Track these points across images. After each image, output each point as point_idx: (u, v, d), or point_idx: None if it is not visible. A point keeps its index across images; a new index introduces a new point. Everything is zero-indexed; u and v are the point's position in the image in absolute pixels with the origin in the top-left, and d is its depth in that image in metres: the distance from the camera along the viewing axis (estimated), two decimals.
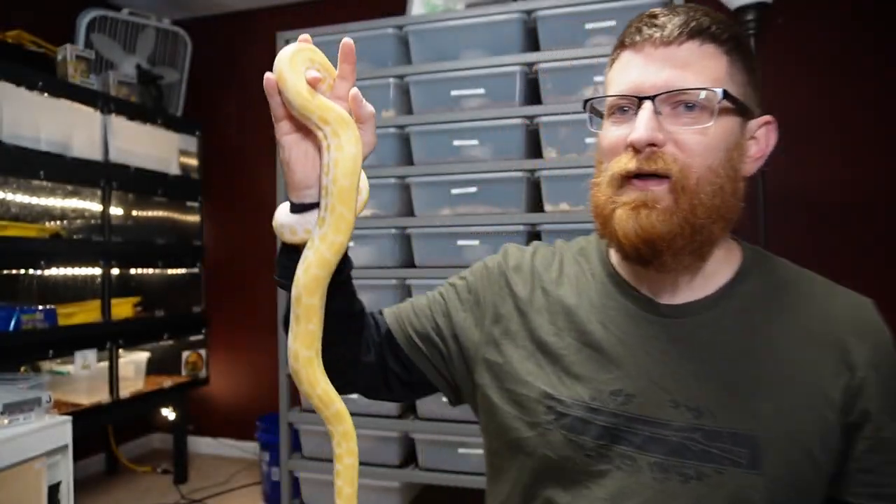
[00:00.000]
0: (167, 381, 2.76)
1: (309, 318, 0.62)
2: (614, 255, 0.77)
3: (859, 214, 2.36)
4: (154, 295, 2.84)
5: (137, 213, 2.82)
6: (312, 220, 0.64)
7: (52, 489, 1.68)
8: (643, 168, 0.65)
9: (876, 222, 2.34)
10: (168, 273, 2.94)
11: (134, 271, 2.78)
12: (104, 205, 2.51)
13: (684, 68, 0.66)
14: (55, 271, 2.36)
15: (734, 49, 0.68)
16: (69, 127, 2.34)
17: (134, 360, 2.66)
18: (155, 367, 2.83)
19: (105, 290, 2.49)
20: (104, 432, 2.92)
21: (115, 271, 2.57)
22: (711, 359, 0.69)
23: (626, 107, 0.69)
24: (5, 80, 2.10)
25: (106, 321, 2.48)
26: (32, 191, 2.30)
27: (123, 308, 2.61)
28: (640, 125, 0.65)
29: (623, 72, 0.69)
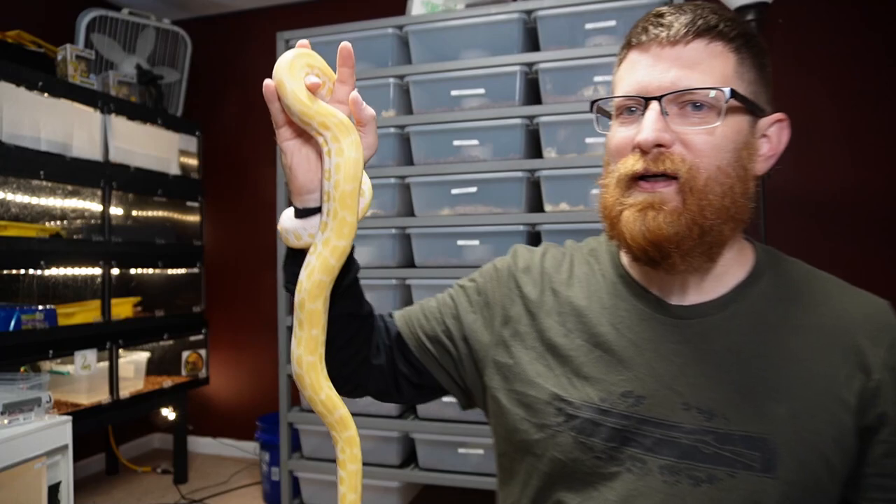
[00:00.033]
0: (167, 381, 2.76)
1: (312, 324, 0.62)
2: (625, 255, 0.76)
3: (862, 214, 2.36)
4: (154, 295, 2.85)
5: (137, 213, 2.82)
6: (317, 224, 0.64)
7: (52, 489, 1.68)
8: (650, 169, 0.65)
9: (881, 222, 2.34)
10: (168, 273, 2.94)
11: (134, 271, 2.78)
12: (104, 205, 2.51)
13: (691, 68, 0.65)
14: (55, 271, 2.35)
15: (743, 46, 0.67)
16: (69, 127, 2.34)
17: (134, 360, 2.66)
18: (155, 367, 2.83)
19: (105, 290, 2.49)
20: (104, 432, 2.92)
21: (115, 271, 2.57)
22: (724, 360, 0.67)
23: (634, 107, 0.68)
24: (5, 80, 2.10)
25: (106, 321, 2.48)
26: (32, 191, 2.30)
27: (123, 308, 2.61)
28: (647, 126, 0.64)
29: (630, 72, 0.69)
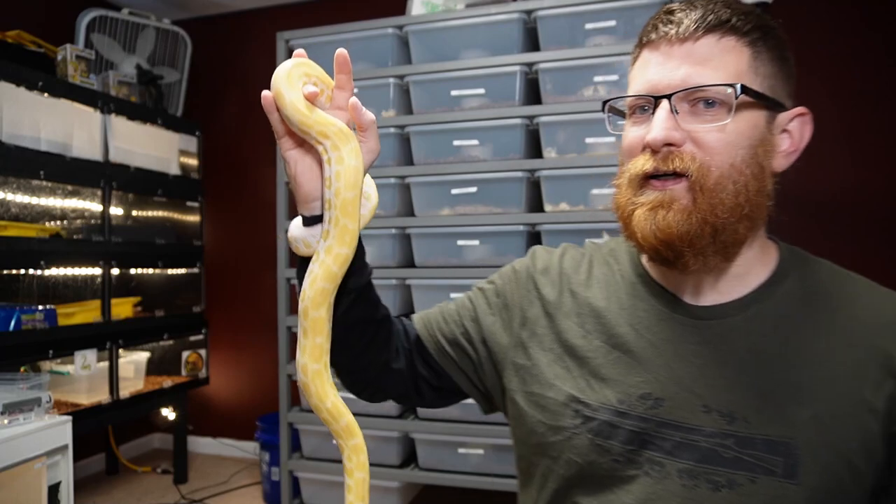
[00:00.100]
0: (167, 381, 2.76)
1: (316, 332, 0.62)
2: (644, 255, 0.75)
3: (862, 214, 2.36)
4: (154, 295, 2.84)
5: (137, 213, 2.82)
6: None
7: (52, 489, 1.68)
8: (660, 168, 0.64)
9: (881, 222, 2.34)
10: (168, 273, 2.94)
11: (134, 271, 2.78)
12: (104, 205, 2.51)
13: (702, 64, 0.64)
14: (55, 271, 2.35)
15: (759, 40, 0.65)
16: (69, 127, 2.34)
17: (134, 360, 2.66)
18: (155, 367, 2.83)
19: (105, 290, 2.49)
20: (104, 432, 2.92)
21: (115, 271, 2.57)
22: (745, 362, 0.66)
23: (645, 106, 0.68)
24: (5, 80, 2.10)
25: (106, 321, 2.48)
26: (32, 191, 2.30)
27: (123, 308, 2.61)
28: (656, 125, 0.64)
29: (641, 71, 0.68)
